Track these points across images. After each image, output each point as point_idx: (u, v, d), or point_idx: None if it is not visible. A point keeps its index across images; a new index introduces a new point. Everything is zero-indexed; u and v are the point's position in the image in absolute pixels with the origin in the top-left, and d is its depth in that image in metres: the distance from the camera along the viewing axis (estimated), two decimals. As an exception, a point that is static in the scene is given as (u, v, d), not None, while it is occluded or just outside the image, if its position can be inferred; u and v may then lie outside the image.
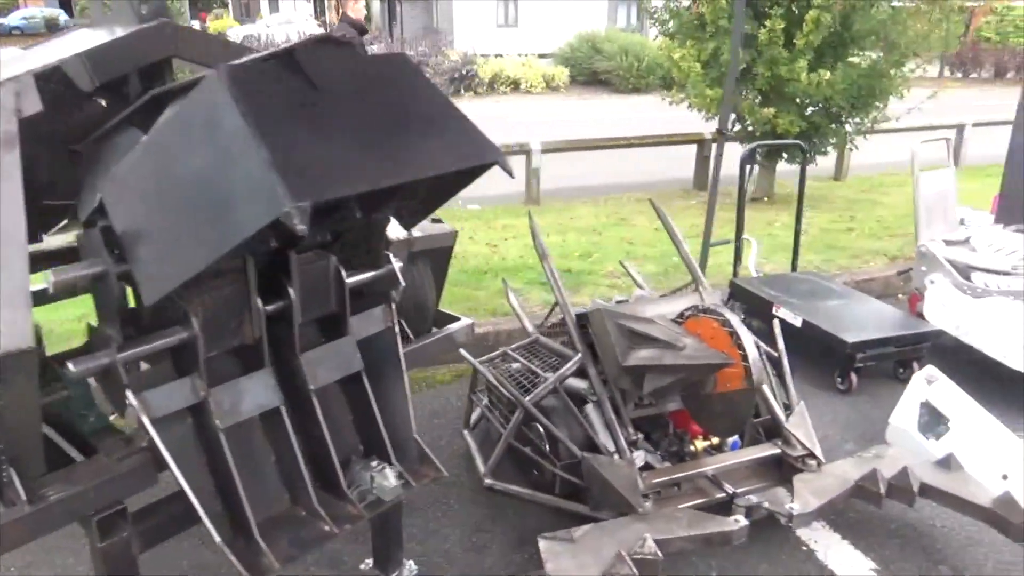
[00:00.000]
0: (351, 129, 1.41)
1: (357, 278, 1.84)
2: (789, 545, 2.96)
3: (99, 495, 1.64)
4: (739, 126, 7.82)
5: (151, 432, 1.50)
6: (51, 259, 2.05)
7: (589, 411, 3.12)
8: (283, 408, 1.69)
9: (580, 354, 3.10)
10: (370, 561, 2.58)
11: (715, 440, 3.15)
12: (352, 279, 1.82)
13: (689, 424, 3.18)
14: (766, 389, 3.18)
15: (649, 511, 2.70)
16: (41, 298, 1.94)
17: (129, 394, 1.49)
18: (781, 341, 3.51)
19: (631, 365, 2.91)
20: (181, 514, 1.70)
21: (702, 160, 8.86)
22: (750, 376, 2.71)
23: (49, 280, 1.47)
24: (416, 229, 2.18)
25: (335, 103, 1.42)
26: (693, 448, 3.10)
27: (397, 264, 1.90)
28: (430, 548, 2.90)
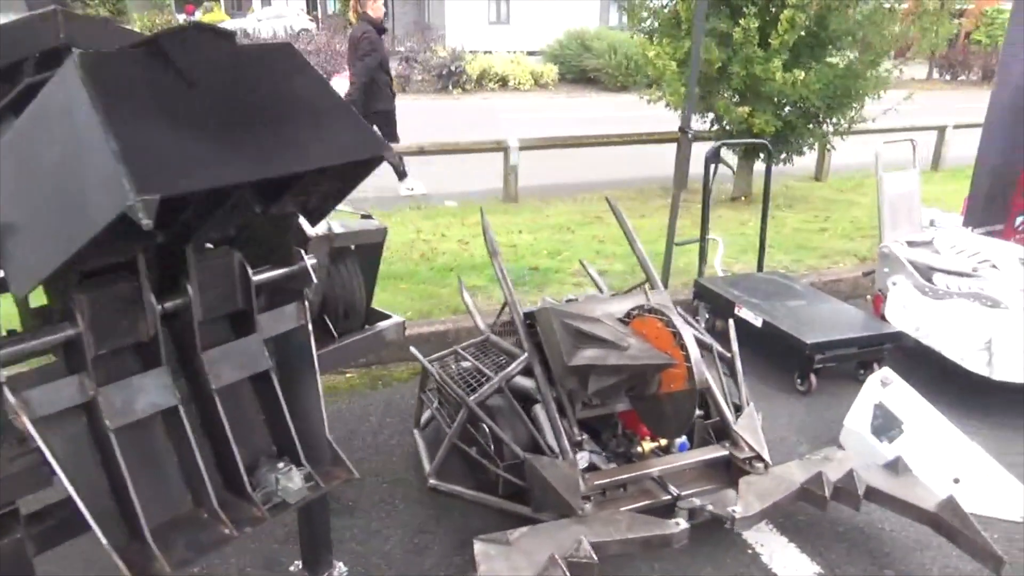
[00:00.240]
0: (220, 121, 1.36)
1: (264, 275, 1.80)
2: (735, 548, 2.93)
3: (-13, 496, 1.59)
4: (716, 125, 7.80)
5: (31, 432, 1.45)
6: None
7: (537, 411, 3.09)
8: (180, 408, 1.64)
9: (527, 354, 3.06)
10: (300, 563, 2.54)
11: (663, 441, 3.11)
12: (259, 276, 1.78)
13: (638, 425, 3.14)
14: (715, 390, 3.16)
15: (589, 513, 2.67)
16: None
17: (7, 392, 1.44)
18: (735, 341, 3.48)
19: (576, 365, 2.87)
20: (82, 516, 1.65)
21: (682, 158, 8.82)
22: (692, 377, 2.68)
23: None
24: (340, 225, 2.14)
25: (204, 94, 1.37)
26: (640, 449, 3.07)
27: (310, 261, 1.86)
28: (370, 549, 2.86)
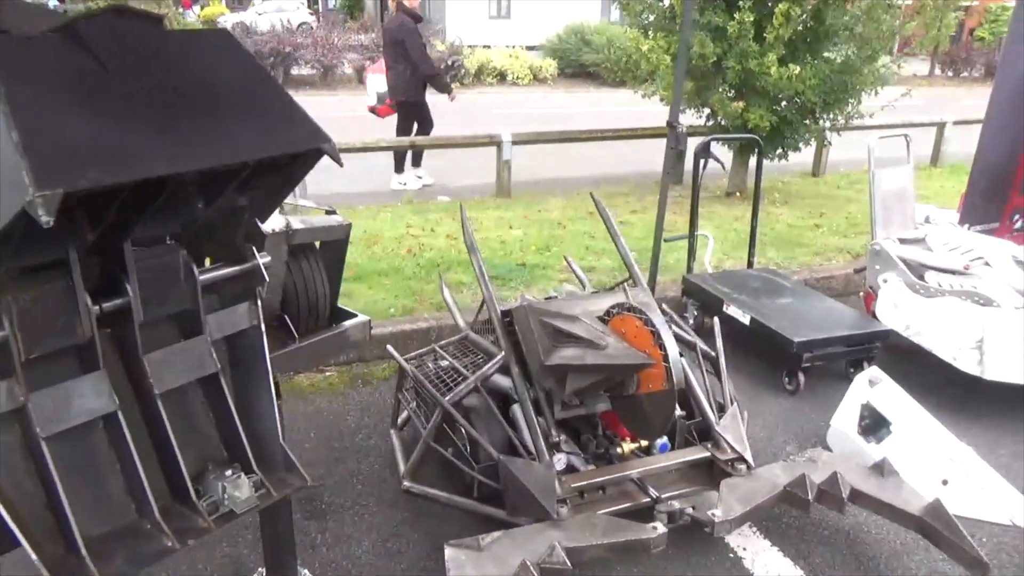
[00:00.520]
0: (142, 110, 1.29)
1: (211, 274, 1.73)
2: (716, 551, 2.86)
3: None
4: (712, 120, 7.71)
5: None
6: None
7: (516, 412, 3.02)
8: (119, 413, 1.57)
9: (503, 353, 2.99)
10: (263, 570, 2.47)
11: (643, 442, 3.04)
12: (206, 275, 1.70)
13: (619, 426, 3.07)
14: (698, 389, 3.08)
15: (565, 517, 2.59)
16: None
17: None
18: (719, 339, 3.41)
19: (553, 364, 2.80)
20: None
21: (678, 153, 8.74)
22: (670, 377, 2.60)
23: None
24: (300, 221, 2.07)
25: (125, 81, 1.30)
26: (620, 450, 2.99)
27: (263, 259, 1.79)
28: (340, 554, 2.79)
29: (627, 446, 3.01)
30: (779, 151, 7.53)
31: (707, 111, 7.68)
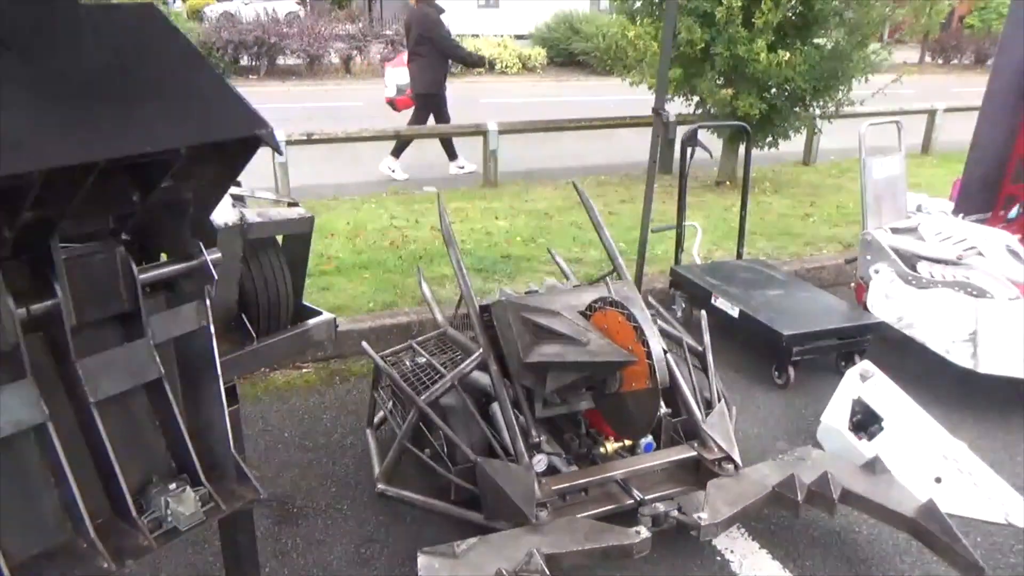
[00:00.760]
0: (49, 94, 1.16)
1: (154, 272, 1.60)
2: (702, 554, 2.76)
3: None
4: (700, 108, 7.59)
5: None
6: None
7: (496, 410, 2.91)
8: (49, 425, 1.45)
9: (482, 349, 2.87)
10: (226, 580, 2.35)
11: (628, 442, 2.93)
12: (146, 274, 1.58)
13: (603, 424, 2.96)
14: (684, 386, 2.97)
15: (545, 521, 2.48)
16: None
17: None
18: (707, 334, 3.30)
19: (533, 361, 2.69)
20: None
21: (667, 142, 8.63)
22: (654, 375, 2.49)
23: None
24: (257, 215, 1.94)
25: (30, 62, 1.17)
26: (603, 450, 2.88)
27: (212, 255, 1.66)
28: (311, 560, 2.68)
29: (611, 445, 2.90)
30: (769, 139, 7.41)
31: (696, 99, 7.55)
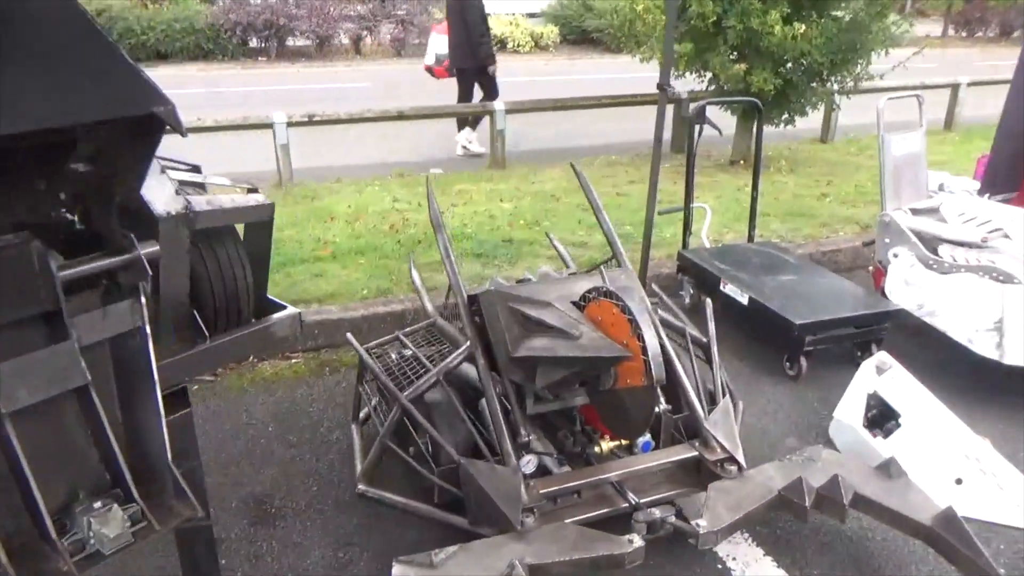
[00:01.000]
0: None
1: (75, 269, 1.43)
2: (702, 561, 2.58)
3: None
4: (713, 85, 7.32)
5: None
6: None
7: (484, 407, 2.74)
8: (-51, 439, 1.30)
9: (469, 343, 2.69)
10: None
11: (624, 440, 2.75)
12: (67, 271, 1.41)
13: (599, 421, 2.78)
14: (685, 381, 2.78)
15: (530, 528, 2.31)
16: None
17: None
18: (712, 323, 3.11)
19: (521, 356, 2.51)
20: None
21: (679, 121, 8.40)
22: (650, 372, 2.30)
23: None
24: (205, 202, 1.77)
25: None
26: (598, 449, 2.70)
27: (147, 248, 1.49)
28: (285, 565, 2.53)
29: (606, 444, 2.72)
30: (785, 116, 7.14)
31: (708, 75, 7.27)
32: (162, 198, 1.66)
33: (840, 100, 7.66)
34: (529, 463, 2.56)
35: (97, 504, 1.43)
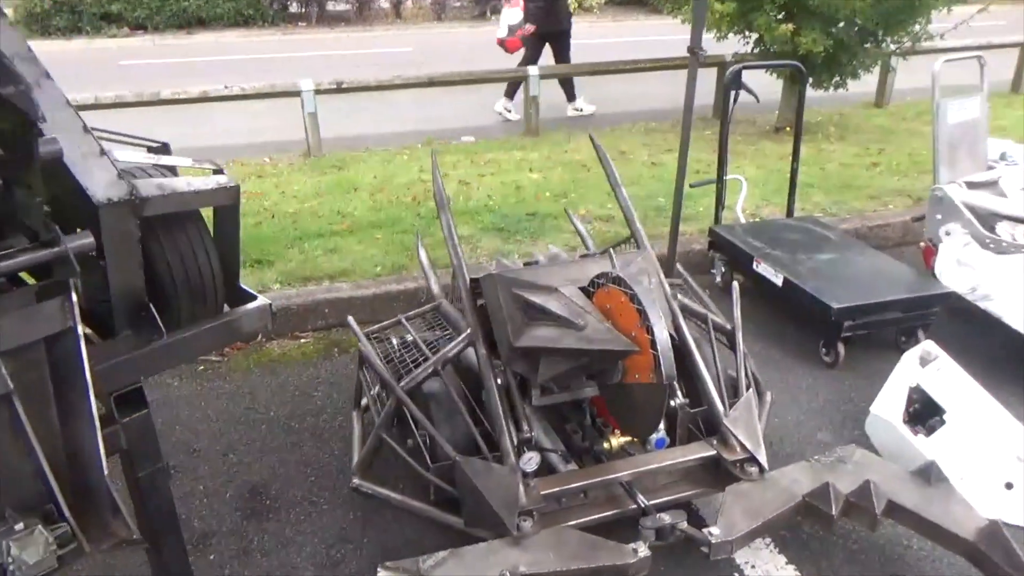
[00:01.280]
0: None
1: (-8, 266, 1.29)
2: (717, 569, 2.39)
3: None
4: (758, 47, 6.92)
5: None
6: None
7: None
8: None
9: (470, 330, 2.52)
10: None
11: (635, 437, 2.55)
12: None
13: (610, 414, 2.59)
14: (705, 373, 2.57)
15: (528, 533, 2.15)
16: None
17: None
18: (738, 308, 2.87)
19: (523, 346, 2.32)
20: None
21: (722, 86, 8.00)
22: (659, 368, 2.10)
23: None
24: (156, 187, 1.61)
25: None
26: (608, 446, 2.51)
27: (79, 241, 1.34)
28: (275, 562, 2.42)
29: (616, 440, 2.52)
30: (836, 79, 6.72)
31: (753, 36, 6.87)
32: (102, 183, 1.51)
33: (897, 62, 7.19)
34: (531, 460, 2.37)
35: (19, 526, 1.30)
